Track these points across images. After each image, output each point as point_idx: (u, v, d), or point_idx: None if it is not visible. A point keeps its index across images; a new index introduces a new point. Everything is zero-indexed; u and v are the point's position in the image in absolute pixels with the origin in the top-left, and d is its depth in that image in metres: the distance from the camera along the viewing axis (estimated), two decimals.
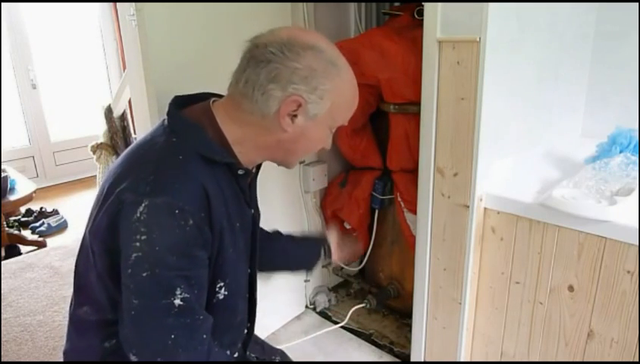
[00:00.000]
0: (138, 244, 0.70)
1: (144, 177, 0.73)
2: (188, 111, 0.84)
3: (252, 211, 0.94)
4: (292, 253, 1.22)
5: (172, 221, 0.71)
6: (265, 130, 0.82)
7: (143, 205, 0.71)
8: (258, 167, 0.96)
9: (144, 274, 0.71)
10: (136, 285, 0.72)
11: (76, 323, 0.89)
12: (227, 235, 0.82)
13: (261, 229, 1.17)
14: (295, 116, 0.80)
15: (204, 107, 0.85)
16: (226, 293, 0.86)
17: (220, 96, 0.89)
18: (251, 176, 0.91)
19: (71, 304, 0.90)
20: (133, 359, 0.74)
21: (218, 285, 0.85)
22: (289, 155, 0.88)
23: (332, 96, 0.81)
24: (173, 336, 0.73)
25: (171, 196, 0.72)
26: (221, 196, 0.80)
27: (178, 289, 0.73)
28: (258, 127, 0.82)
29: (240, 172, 0.85)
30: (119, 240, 0.73)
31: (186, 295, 0.74)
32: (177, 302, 0.73)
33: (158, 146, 0.79)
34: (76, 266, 0.88)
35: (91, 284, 0.82)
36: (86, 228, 0.82)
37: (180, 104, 0.86)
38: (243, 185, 0.87)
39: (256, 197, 0.99)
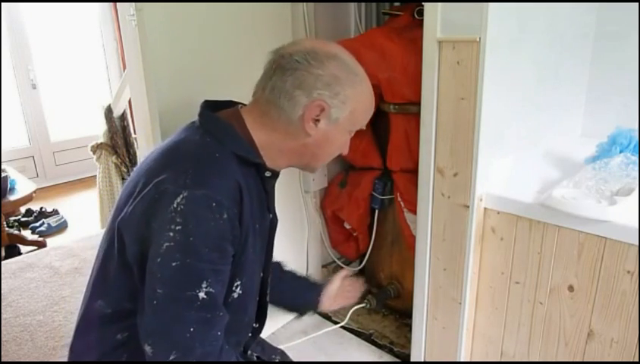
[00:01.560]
0: (172, 234, 0.72)
1: (184, 170, 0.76)
2: (219, 114, 0.88)
3: (271, 216, 0.96)
4: (288, 291, 1.21)
5: (209, 214, 0.73)
6: (290, 136, 0.86)
7: (182, 196, 0.72)
8: (278, 174, 0.98)
9: (173, 264, 0.72)
10: (163, 274, 0.73)
11: (88, 317, 0.89)
12: (251, 234, 0.84)
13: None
14: (318, 120, 0.85)
15: (234, 112, 0.88)
16: (241, 292, 0.87)
17: (245, 104, 0.93)
18: (275, 179, 0.94)
19: (85, 299, 0.90)
20: (148, 349, 0.75)
21: (236, 283, 0.86)
22: (313, 160, 0.92)
23: (353, 102, 0.86)
24: (192, 329, 0.74)
25: (211, 189, 0.74)
26: (249, 195, 0.82)
27: (205, 282, 0.74)
28: (284, 133, 0.86)
29: (267, 174, 0.88)
30: (151, 229, 0.74)
31: (211, 289, 0.75)
32: (202, 295, 0.74)
33: (195, 143, 0.82)
34: (98, 259, 0.89)
35: (109, 276, 0.83)
36: (114, 219, 0.82)
37: (211, 107, 0.89)
38: (267, 188, 0.90)
39: (274, 203, 1.01)
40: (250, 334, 1.02)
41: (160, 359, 0.74)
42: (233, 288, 0.86)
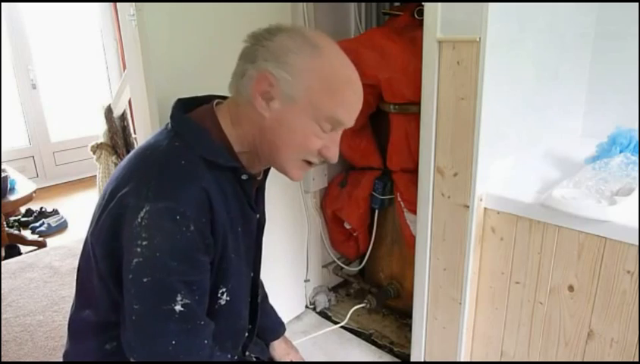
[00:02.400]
0: (139, 249, 0.70)
1: (146, 181, 0.73)
2: (192, 115, 0.83)
3: (258, 216, 0.93)
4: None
5: (173, 227, 0.71)
6: (251, 122, 0.80)
7: (144, 210, 0.70)
8: (266, 172, 0.95)
9: (145, 280, 0.71)
10: (137, 290, 0.72)
11: (77, 326, 0.89)
12: (230, 240, 0.82)
13: None
14: (271, 99, 0.77)
15: (207, 110, 0.84)
16: (228, 298, 0.86)
17: (223, 98, 0.88)
18: (256, 181, 0.90)
19: (73, 307, 0.90)
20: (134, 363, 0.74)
21: (220, 291, 0.84)
22: (274, 151, 0.81)
23: (309, 78, 0.75)
24: (174, 342, 0.73)
25: (173, 200, 0.71)
26: (223, 200, 0.79)
27: (179, 295, 0.72)
28: (247, 119, 0.80)
29: (244, 177, 0.84)
30: (121, 243, 0.73)
31: (187, 300, 0.73)
32: (178, 308, 0.72)
33: (161, 150, 0.78)
34: (78, 269, 0.88)
35: (92, 287, 0.82)
36: (88, 231, 0.82)
37: (184, 107, 0.85)
38: (247, 189, 0.86)
39: (264, 202, 0.99)
40: (247, 335, 1.02)
41: None
42: (219, 295, 0.84)
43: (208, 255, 0.77)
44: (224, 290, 0.85)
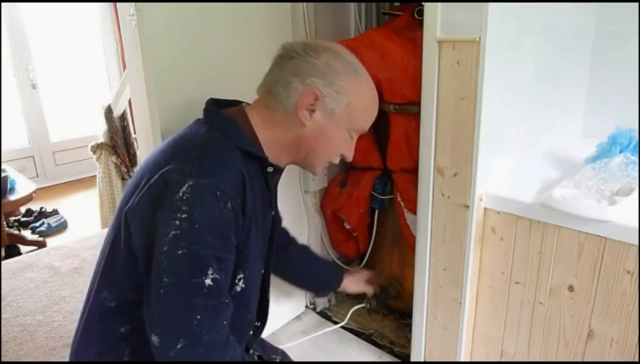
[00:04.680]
0: (178, 222, 0.73)
1: (189, 159, 0.78)
2: (224, 111, 0.90)
3: (273, 213, 0.98)
4: (310, 270, 1.33)
5: (213, 202, 0.75)
6: (288, 127, 0.88)
7: (187, 184, 0.74)
8: (281, 172, 0.99)
9: (180, 252, 0.73)
10: (169, 262, 0.74)
11: (92, 310, 0.89)
12: (253, 228, 0.86)
13: (288, 233, 1.29)
14: (313, 110, 0.86)
15: (238, 109, 0.91)
16: (243, 286, 0.89)
17: (250, 104, 0.95)
18: (278, 175, 0.96)
19: (89, 291, 0.91)
20: (155, 339, 0.75)
21: (238, 276, 0.87)
22: (310, 155, 0.92)
23: (349, 95, 0.86)
24: (199, 317, 0.75)
25: (215, 177, 0.76)
26: (252, 188, 0.84)
27: (210, 269, 0.75)
28: (282, 125, 0.88)
29: (270, 169, 0.89)
30: (157, 218, 0.75)
31: (217, 276, 0.76)
32: (208, 282, 0.75)
33: (200, 136, 0.84)
34: (101, 251, 0.90)
35: (115, 267, 0.84)
36: (120, 210, 0.83)
37: (216, 105, 0.91)
38: (270, 183, 0.92)
39: (277, 200, 1.01)
40: (252, 333, 1.02)
41: (167, 349, 0.74)
42: (236, 281, 0.87)
43: (237, 235, 0.81)
44: (241, 276, 0.87)
